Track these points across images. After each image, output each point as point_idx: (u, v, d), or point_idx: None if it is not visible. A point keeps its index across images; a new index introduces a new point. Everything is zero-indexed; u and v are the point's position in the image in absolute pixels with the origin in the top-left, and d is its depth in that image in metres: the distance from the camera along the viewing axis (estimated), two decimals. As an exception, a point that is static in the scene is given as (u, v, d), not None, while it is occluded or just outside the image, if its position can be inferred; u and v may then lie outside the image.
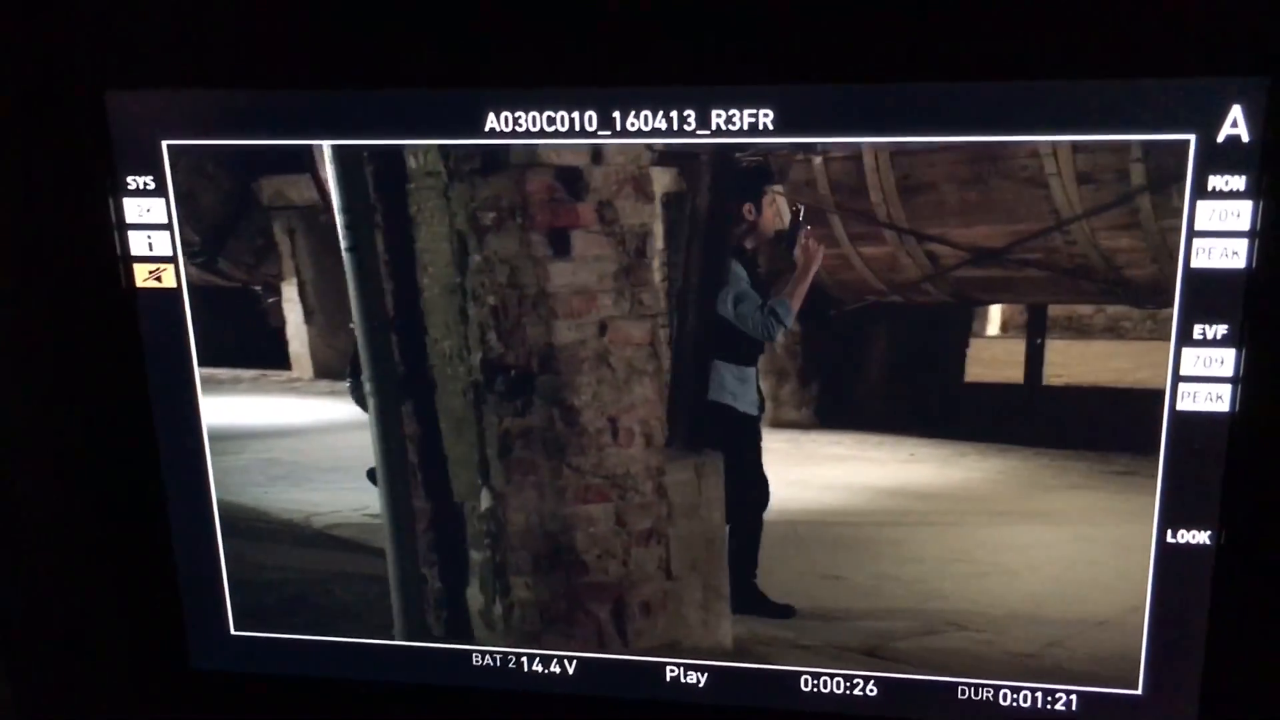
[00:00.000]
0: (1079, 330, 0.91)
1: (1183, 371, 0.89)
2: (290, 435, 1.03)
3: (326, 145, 0.95)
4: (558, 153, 0.92)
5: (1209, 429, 0.90)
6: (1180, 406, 0.90)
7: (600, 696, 1.07)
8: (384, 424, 1.01)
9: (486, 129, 0.93)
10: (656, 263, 0.95)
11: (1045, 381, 0.95)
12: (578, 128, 0.92)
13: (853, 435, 1.01)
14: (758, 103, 0.89)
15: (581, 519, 0.99)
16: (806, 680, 1.03)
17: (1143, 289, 0.88)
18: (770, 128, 0.89)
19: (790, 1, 0.87)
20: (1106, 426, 0.93)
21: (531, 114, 0.92)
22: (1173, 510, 0.92)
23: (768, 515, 1.00)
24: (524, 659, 1.07)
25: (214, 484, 1.06)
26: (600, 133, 0.91)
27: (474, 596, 1.02)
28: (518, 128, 0.93)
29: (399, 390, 1.00)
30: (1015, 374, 0.96)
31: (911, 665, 0.97)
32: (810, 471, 0.98)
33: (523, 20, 0.90)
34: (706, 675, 1.04)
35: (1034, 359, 0.92)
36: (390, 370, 0.99)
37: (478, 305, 0.95)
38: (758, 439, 1.01)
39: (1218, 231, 0.86)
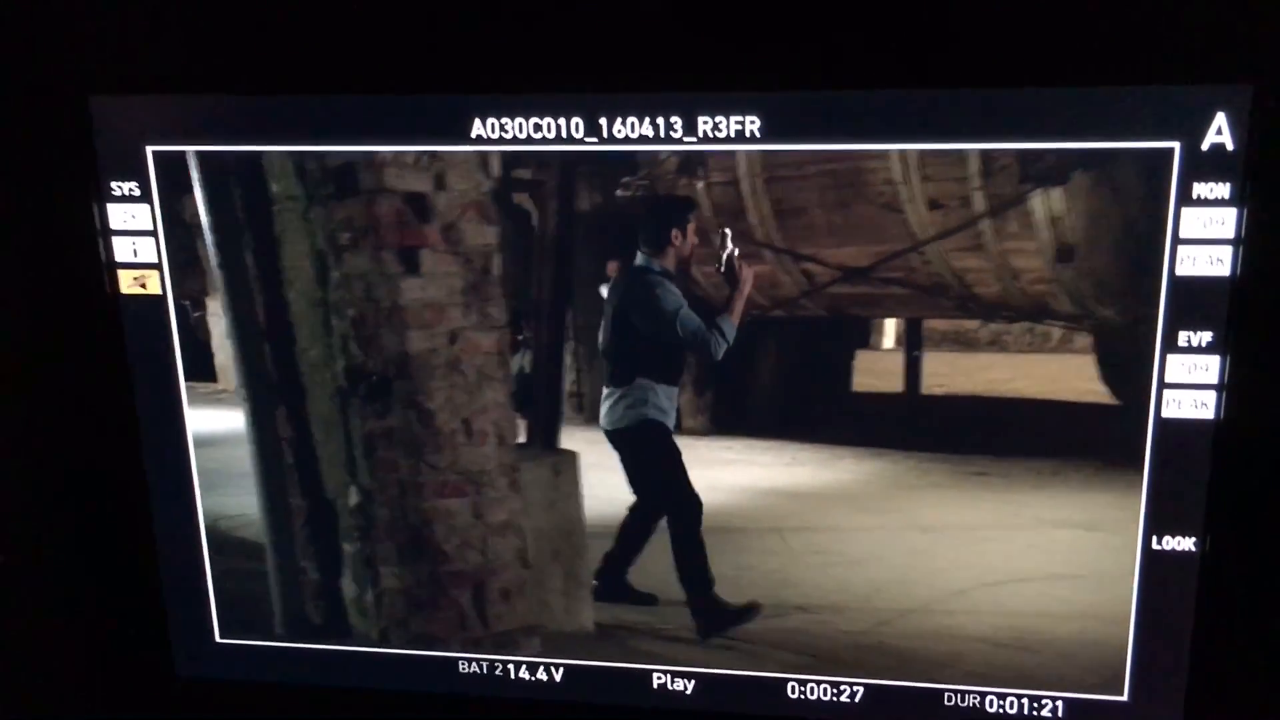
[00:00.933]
0: (965, 343, 0.97)
1: (1168, 379, 0.89)
2: (210, 445, 1.06)
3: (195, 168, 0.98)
4: (403, 179, 0.98)
5: (1194, 436, 0.90)
6: (1166, 414, 0.90)
7: (587, 704, 1.06)
8: (259, 428, 1.07)
9: (473, 135, 0.93)
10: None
11: (924, 391, 1.01)
12: (564, 134, 0.92)
13: (744, 441, 1.07)
14: (745, 109, 0.89)
15: (441, 512, 1.05)
16: (793, 687, 1.03)
17: (991, 305, 0.94)
18: (757, 135, 0.89)
19: (778, 8, 0.87)
20: (975, 432, 0.99)
21: (518, 120, 0.92)
22: (1158, 517, 0.92)
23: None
24: (510, 666, 1.06)
25: (199, 491, 1.06)
26: (587, 139, 0.91)
27: (348, 586, 1.07)
28: (504, 134, 0.93)
29: (273, 396, 1.06)
30: (901, 384, 1.02)
31: (752, 643, 1.03)
32: (699, 474, 1.03)
33: (509, 26, 0.90)
34: (694, 682, 1.04)
35: (912, 370, 0.98)
36: (264, 377, 1.06)
37: (339, 317, 1.02)
38: (675, 453, 1.06)
39: (1202, 239, 0.86)
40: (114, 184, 0.98)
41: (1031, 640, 0.98)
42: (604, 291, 1.02)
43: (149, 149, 0.97)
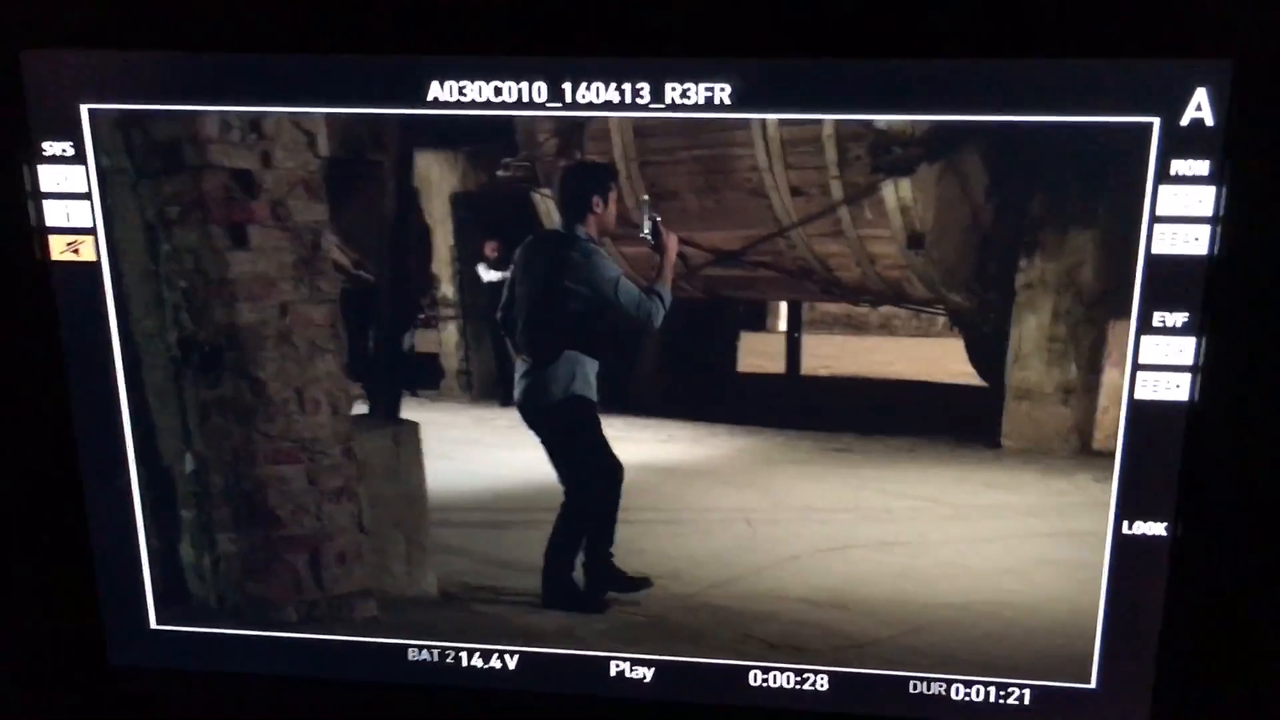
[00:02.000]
0: (856, 327, 1.00)
1: (1142, 360, 0.87)
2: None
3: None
4: (229, 156, 0.98)
5: (1167, 419, 0.88)
6: (1139, 395, 0.88)
7: (542, 693, 1.03)
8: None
9: (429, 98, 0.89)
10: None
11: (805, 372, 1.02)
12: (525, 99, 0.88)
13: (625, 419, 1.07)
14: (715, 76, 0.85)
15: (274, 478, 1.07)
16: (755, 675, 1.00)
17: (853, 289, 0.98)
18: (727, 102, 0.86)
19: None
20: (845, 411, 1.02)
21: (478, 84, 0.88)
22: (1129, 501, 0.91)
23: (528, 485, 1.06)
24: (462, 654, 1.03)
25: (134, 468, 1.01)
26: (550, 104, 0.88)
27: (186, 552, 1.07)
28: (462, 97, 0.89)
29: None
30: (780, 366, 1.05)
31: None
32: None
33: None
34: (653, 670, 1.01)
35: (792, 351, 1.00)
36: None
37: (171, 289, 1.01)
38: (599, 423, 1.05)
39: (1180, 217, 0.84)
40: (46, 144, 0.93)
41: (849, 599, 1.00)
42: (482, 272, 1.00)
43: (84, 107, 0.91)
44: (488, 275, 1.02)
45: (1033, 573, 0.93)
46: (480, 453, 1.08)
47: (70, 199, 0.94)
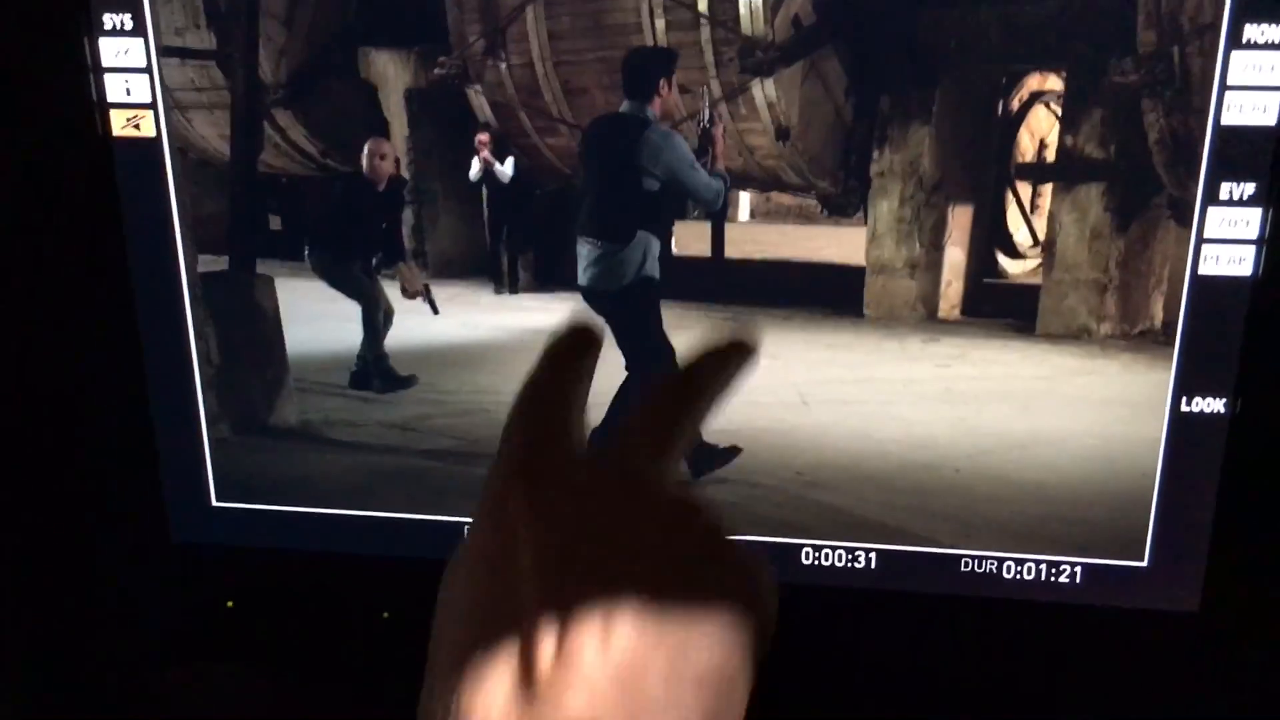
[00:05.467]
0: (807, 218, 1.03)
1: (1206, 234, 0.87)
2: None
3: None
4: None
5: (1230, 293, 0.88)
6: (1202, 270, 0.87)
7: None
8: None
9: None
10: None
11: (728, 256, 1.08)
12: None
13: (555, 296, 1.13)
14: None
15: None
16: (808, 553, 1.01)
17: (741, 177, 1.07)
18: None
19: None
20: (746, 287, 1.08)
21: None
22: (1189, 378, 0.90)
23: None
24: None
25: (194, 349, 1.02)
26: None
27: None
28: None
29: None
30: (736, 251, 1.09)
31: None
32: (497, 318, 1.11)
33: None
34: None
35: (717, 236, 1.04)
36: None
37: None
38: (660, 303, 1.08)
39: (1252, 86, 0.83)
40: (106, 16, 0.93)
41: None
42: (499, 169, 1.00)
43: (145, -23, 0.92)
44: (504, 170, 1.02)
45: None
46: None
47: (130, 73, 0.94)
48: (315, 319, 1.02)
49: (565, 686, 0.39)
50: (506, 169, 1.01)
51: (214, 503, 1.08)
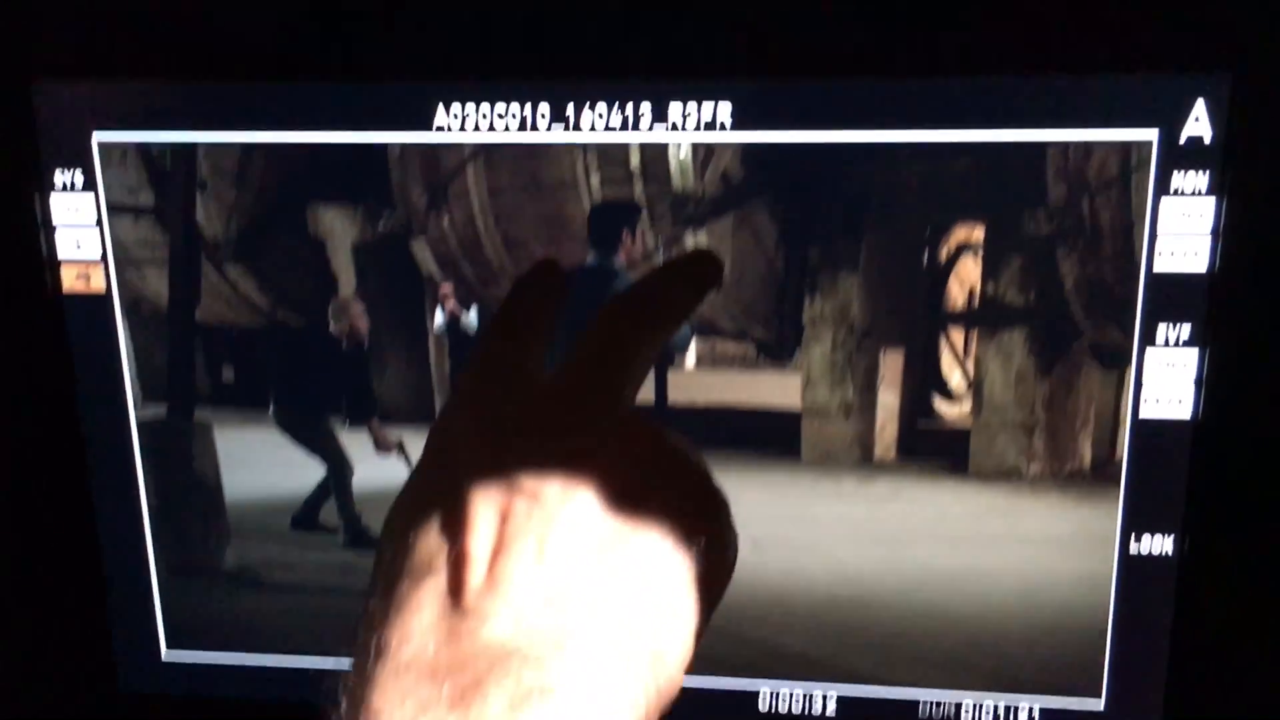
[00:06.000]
0: (750, 364, 1.01)
1: (1145, 376, 0.88)
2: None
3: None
4: None
5: (1172, 434, 0.88)
6: (1143, 414, 0.88)
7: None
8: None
9: (436, 125, 0.90)
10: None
11: (670, 403, 1.04)
12: (530, 124, 0.89)
13: None
14: (716, 96, 0.86)
15: None
16: (765, 697, 0.99)
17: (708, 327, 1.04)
18: (728, 123, 0.87)
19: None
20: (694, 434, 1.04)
21: (482, 108, 0.89)
22: (1135, 517, 0.90)
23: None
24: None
25: (144, 496, 1.01)
26: (554, 126, 0.89)
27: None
28: (466, 124, 0.90)
29: None
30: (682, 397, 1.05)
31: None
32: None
33: (473, 11, 0.87)
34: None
35: (660, 383, 1.01)
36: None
37: None
38: None
39: (1181, 231, 0.85)
40: (58, 173, 0.94)
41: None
42: (464, 318, 1.02)
43: (96, 136, 0.93)
44: (470, 319, 1.03)
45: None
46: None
47: (81, 228, 0.95)
48: (259, 465, 1.02)
49: (493, 607, 0.38)
50: (472, 318, 1.02)
51: (164, 651, 1.06)
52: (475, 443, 0.43)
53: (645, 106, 0.88)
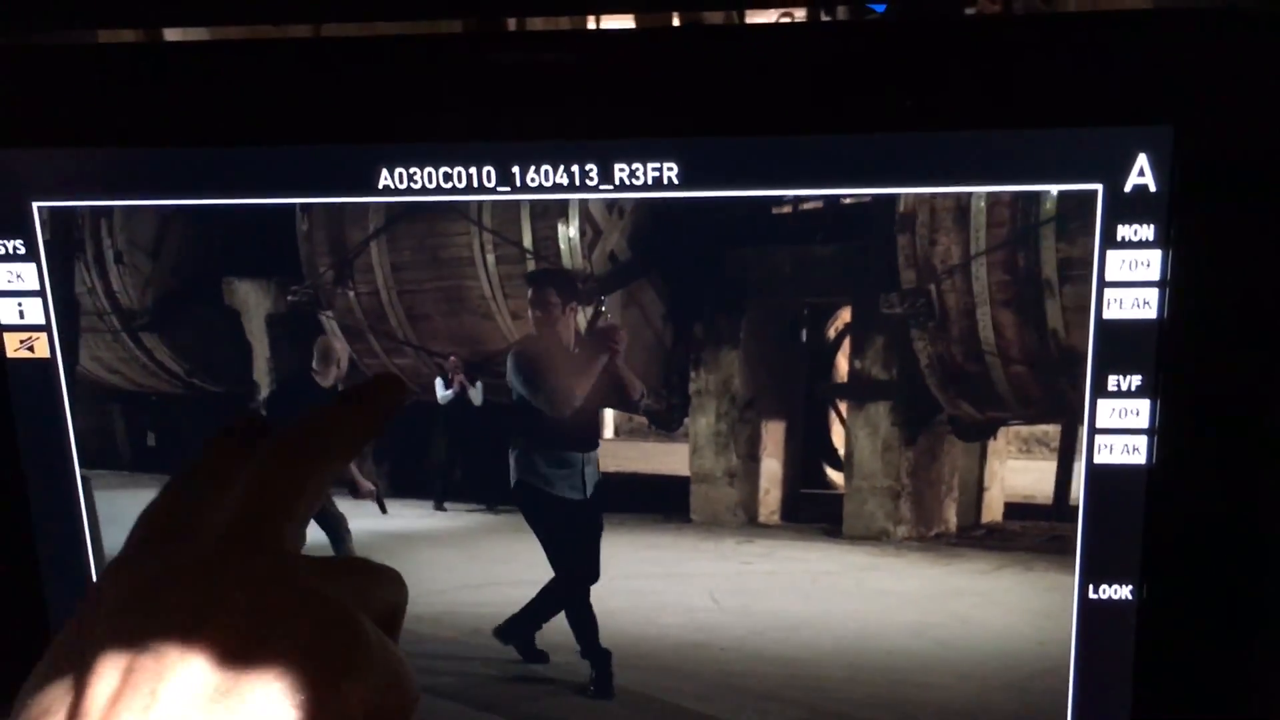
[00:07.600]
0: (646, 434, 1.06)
1: (1098, 425, 0.88)
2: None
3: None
4: None
5: (1126, 482, 0.88)
6: (1098, 460, 0.88)
7: None
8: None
9: (380, 186, 0.89)
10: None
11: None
12: (475, 184, 0.89)
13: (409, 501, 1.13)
14: (661, 156, 0.86)
15: None
16: (727, 753, 0.99)
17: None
18: (675, 181, 0.86)
19: (692, 56, 0.85)
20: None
21: (427, 170, 0.89)
22: (1094, 565, 0.90)
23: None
24: None
25: (94, 566, 1.00)
26: (499, 188, 0.88)
27: None
28: (413, 184, 0.89)
29: None
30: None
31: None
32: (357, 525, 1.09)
33: (418, 75, 0.87)
34: None
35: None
36: None
37: None
38: None
39: (1128, 282, 0.85)
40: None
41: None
42: (439, 390, 1.05)
43: (35, 204, 0.92)
44: (476, 393, 1.04)
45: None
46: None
47: (23, 296, 0.94)
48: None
49: None
50: (478, 392, 1.04)
51: None
52: (115, 606, 0.45)
53: (591, 167, 0.87)
